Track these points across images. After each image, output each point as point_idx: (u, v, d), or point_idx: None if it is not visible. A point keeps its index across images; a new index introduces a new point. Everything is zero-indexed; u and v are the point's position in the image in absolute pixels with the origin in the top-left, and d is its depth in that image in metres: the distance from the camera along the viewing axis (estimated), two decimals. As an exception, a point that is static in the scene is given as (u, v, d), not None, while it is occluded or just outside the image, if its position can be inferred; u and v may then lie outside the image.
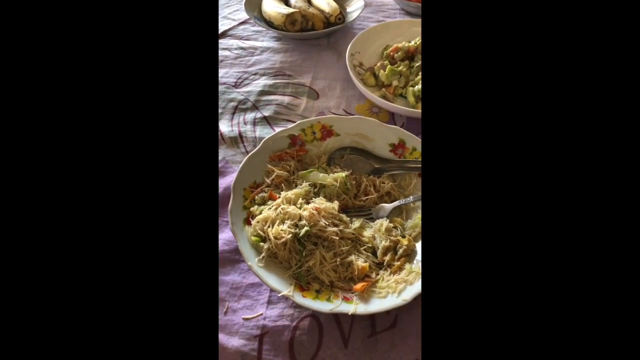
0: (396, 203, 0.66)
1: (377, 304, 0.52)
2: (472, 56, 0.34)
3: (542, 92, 0.33)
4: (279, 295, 0.52)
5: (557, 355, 0.31)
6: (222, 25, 1.09)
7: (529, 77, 0.34)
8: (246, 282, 0.60)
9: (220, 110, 0.86)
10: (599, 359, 0.30)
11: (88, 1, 0.34)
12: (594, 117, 0.32)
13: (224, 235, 0.65)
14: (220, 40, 1.05)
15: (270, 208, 0.60)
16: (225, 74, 0.95)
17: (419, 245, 0.61)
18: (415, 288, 0.53)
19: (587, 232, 0.31)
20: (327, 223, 0.59)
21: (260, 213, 0.60)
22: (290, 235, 0.57)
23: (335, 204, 0.62)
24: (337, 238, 0.58)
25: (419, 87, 0.81)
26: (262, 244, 0.58)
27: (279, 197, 0.62)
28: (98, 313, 0.32)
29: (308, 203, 0.62)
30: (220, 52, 1.01)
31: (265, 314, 0.57)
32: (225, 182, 0.72)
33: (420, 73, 0.85)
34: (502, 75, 0.34)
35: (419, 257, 0.59)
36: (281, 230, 0.57)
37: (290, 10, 0.97)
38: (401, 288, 0.54)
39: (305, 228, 0.57)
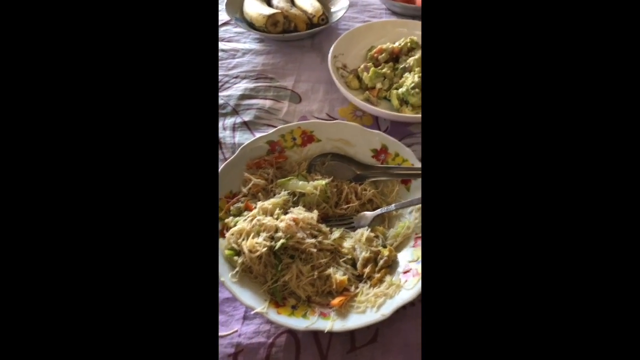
0: (378, 211, 0.64)
1: (355, 320, 0.50)
2: (472, 57, 0.34)
3: (541, 95, 0.33)
4: (252, 312, 0.50)
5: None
6: (204, 27, 1.07)
7: (529, 78, 0.33)
8: (221, 296, 0.58)
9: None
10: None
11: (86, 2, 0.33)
12: (593, 117, 0.32)
13: (200, 247, 0.63)
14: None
15: (245, 219, 0.58)
16: (206, 78, 0.92)
17: (400, 256, 0.59)
18: (395, 302, 0.51)
19: (587, 236, 0.31)
20: (305, 234, 0.57)
21: (235, 225, 0.58)
22: (266, 248, 0.54)
23: (315, 214, 0.60)
24: (315, 250, 0.56)
25: (402, 89, 0.79)
26: (236, 258, 0.55)
27: (255, 207, 0.60)
28: (97, 314, 0.32)
29: (286, 213, 0.60)
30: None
31: (240, 331, 0.55)
32: (202, 190, 0.70)
33: (404, 75, 0.82)
34: (504, 75, 0.33)
35: (400, 268, 0.57)
36: (256, 243, 0.55)
37: (272, 11, 0.94)
38: (380, 302, 0.52)
39: (282, 240, 0.55)
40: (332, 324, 0.50)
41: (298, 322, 0.50)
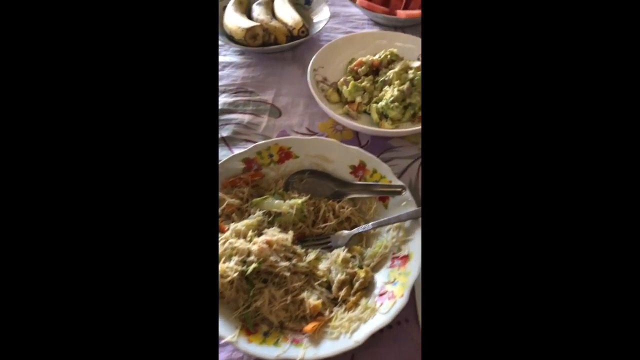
0: (355, 230, 0.62)
1: (328, 347, 0.49)
2: (472, 67, 0.34)
3: (540, 106, 0.33)
4: (222, 342, 0.49)
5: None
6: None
7: (528, 89, 0.33)
8: (194, 322, 0.56)
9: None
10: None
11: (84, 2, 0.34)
12: (594, 129, 0.32)
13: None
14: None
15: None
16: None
17: (378, 276, 0.58)
18: (369, 327, 0.50)
19: (588, 240, 0.31)
20: (279, 257, 0.55)
21: (207, 248, 0.57)
22: (237, 273, 0.53)
23: (290, 235, 0.59)
24: (289, 273, 0.55)
25: (382, 103, 0.78)
26: (207, 283, 0.54)
27: (228, 229, 0.59)
28: (97, 314, 0.32)
29: (260, 234, 0.59)
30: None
31: (212, 359, 0.53)
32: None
33: (384, 88, 0.81)
34: (505, 85, 0.34)
35: (377, 290, 0.56)
36: (227, 267, 0.53)
37: (251, 24, 0.93)
38: (354, 327, 0.51)
39: (254, 265, 0.53)
40: (304, 352, 0.48)
41: (269, 351, 0.48)
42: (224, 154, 0.77)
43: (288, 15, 0.98)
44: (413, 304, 0.58)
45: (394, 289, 0.54)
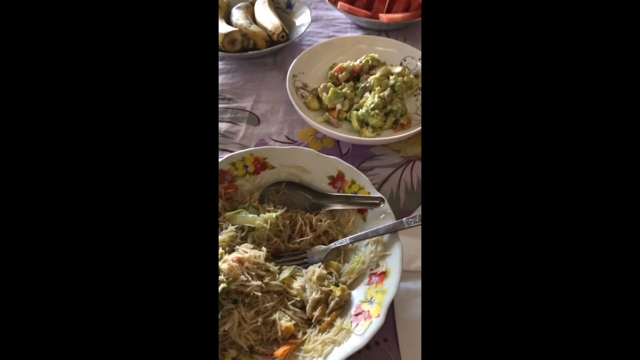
0: (332, 245, 0.60)
1: (300, 373, 0.46)
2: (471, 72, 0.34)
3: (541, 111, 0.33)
4: (186, 369, 0.46)
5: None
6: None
7: (529, 91, 0.33)
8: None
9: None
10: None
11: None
12: (592, 126, 0.31)
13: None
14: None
15: (184, 261, 0.54)
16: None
17: (355, 294, 0.55)
18: (343, 350, 0.47)
19: (588, 242, 0.31)
20: (250, 276, 0.53)
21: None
22: (205, 294, 0.50)
23: (263, 252, 0.56)
24: (261, 294, 0.52)
25: (362, 110, 0.76)
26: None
27: (198, 246, 0.56)
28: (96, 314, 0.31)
29: (232, 251, 0.56)
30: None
31: (179, 385, 0.50)
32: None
33: (365, 95, 0.79)
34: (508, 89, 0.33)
35: (352, 309, 0.53)
36: (194, 288, 0.51)
37: (229, 29, 0.90)
38: (328, 351, 0.48)
39: (222, 285, 0.51)
40: (273, 379, 0.46)
41: (236, 379, 0.46)
42: (198, 165, 0.74)
43: (267, 19, 0.95)
44: (392, 322, 0.56)
45: (370, 308, 0.51)
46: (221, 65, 0.97)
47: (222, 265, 0.52)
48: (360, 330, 0.49)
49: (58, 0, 0.33)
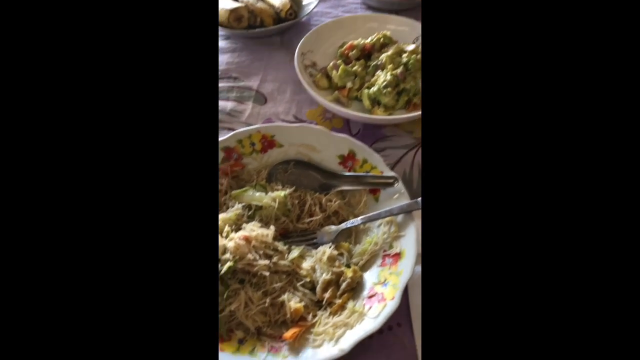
0: (342, 225, 0.57)
1: (310, 356, 0.44)
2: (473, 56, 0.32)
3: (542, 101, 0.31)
4: (190, 350, 0.43)
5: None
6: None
7: (531, 81, 0.31)
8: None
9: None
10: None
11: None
12: (597, 116, 0.30)
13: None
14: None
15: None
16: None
17: (367, 276, 0.52)
18: (356, 333, 0.45)
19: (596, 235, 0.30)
20: (258, 255, 0.50)
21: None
22: (210, 272, 0.47)
23: (271, 230, 0.53)
24: (269, 273, 0.49)
25: (374, 89, 0.73)
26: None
27: (203, 224, 0.53)
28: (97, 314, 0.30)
29: (238, 230, 0.53)
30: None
31: (182, 368, 0.48)
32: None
33: (376, 73, 0.76)
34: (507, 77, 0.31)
35: (365, 291, 0.50)
36: (199, 266, 0.48)
37: (235, 5, 0.87)
38: (339, 334, 0.45)
39: (229, 264, 0.48)
40: (282, 361, 0.43)
41: (243, 361, 0.43)
42: (203, 143, 0.71)
43: (276, -4, 0.92)
44: (406, 306, 0.53)
45: (384, 290, 0.49)
46: (227, 44, 0.93)
47: (229, 243, 0.49)
48: (374, 313, 0.47)
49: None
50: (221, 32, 0.94)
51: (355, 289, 0.51)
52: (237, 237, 0.50)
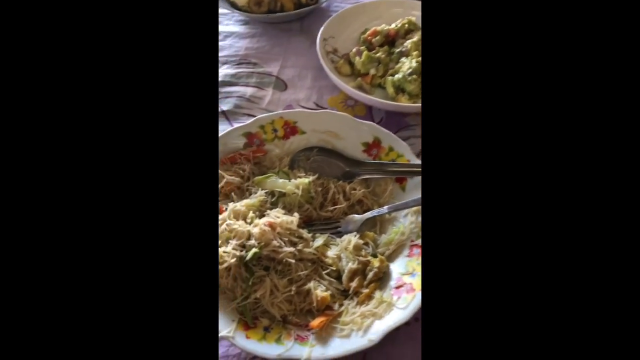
0: (368, 214, 0.56)
1: (338, 346, 0.43)
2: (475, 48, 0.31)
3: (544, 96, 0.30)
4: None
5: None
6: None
7: (533, 75, 0.30)
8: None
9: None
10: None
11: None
12: (595, 117, 0.30)
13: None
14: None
15: (213, 224, 0.50)
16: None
17: (393, 267, 0.51)
18: (385, 323, 0.44)
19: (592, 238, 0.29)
20: (283, 242, 0.49)
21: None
22: (235, 258, 0.46)
23: (295, 217, 0.52)
24: (294, 261, 0.48)
25: (399, 76, 0.71)
26: (200, 269, 0.48)
27: (226, 209, 0.52)
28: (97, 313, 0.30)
29: (262, 217, 0.52)
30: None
31: (205, 355, 0.47)
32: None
33: (400, 60, 0.74)
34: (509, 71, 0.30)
35: (392, 282, 0.49)
36: (224, 252, 0.47)
37: (256, -11, 0.85)
38: (368, 324, 0.44)
39: (254, 250, 0.47)
40: (309, 350, 0.42)
41: (269, 349, 0.42)
42: (224, 129, 0.70)
43: (296, -19, 0.90)
44: (432, 298, 0.52)
45: (412, 281, 0.47)
46: (245, 29, 0.92)
47: (253, 230, 0.48)
48: (403, 303, 0.45)
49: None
50: (240, 16, 0.93)
51: (381, 279, 0.50)
52: (262, 223, 0.49)
